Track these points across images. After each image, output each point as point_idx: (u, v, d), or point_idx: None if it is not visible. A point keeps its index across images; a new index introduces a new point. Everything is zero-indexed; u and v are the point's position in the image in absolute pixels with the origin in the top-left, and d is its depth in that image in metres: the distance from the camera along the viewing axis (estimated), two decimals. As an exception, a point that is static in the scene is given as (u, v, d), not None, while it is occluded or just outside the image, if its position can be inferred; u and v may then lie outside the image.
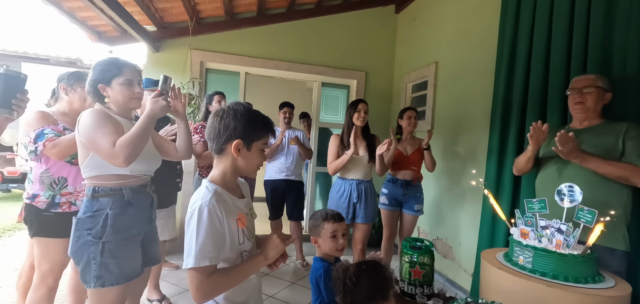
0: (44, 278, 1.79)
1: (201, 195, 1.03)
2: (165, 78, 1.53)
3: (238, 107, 1.09)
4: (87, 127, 1.38)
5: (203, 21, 3.79)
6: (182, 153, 1.75)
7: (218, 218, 1.00)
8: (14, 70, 1.20)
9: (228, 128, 1.06)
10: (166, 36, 3.72)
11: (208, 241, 0.97)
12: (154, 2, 3.29)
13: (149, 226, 1.62)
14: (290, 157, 3.41)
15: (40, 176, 1.75)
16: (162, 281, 2.73)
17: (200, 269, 0.96)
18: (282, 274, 3.20)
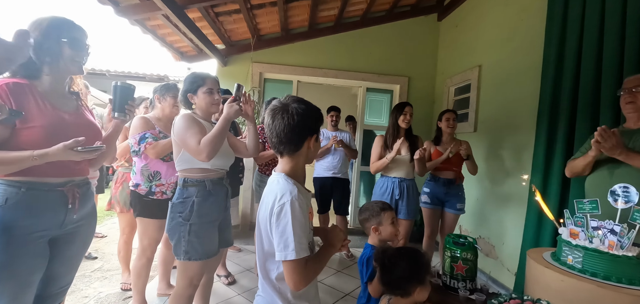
0: (144, 250, 2.06)
1: (287, 189, 0.97)
2: (238, 86, 1.64)
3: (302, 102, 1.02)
4: (179, 128, 1.55)
5: (262, 38, 4.00)
6: (251, 151, 1.80)
7: (304, 210, 0.96)
8: (125, 82, 1.40)
9: (306, 126, 1.01)
10: (232, 52, 3.99)
11: (302, 234, 0.93)
12: (224, 25, 3.55)
13: (225, 213, 1.76)
14: (337, 157, 3.45)
15: (141, 169, 2.01)
16: (227, 260, 2.94)
17: (300, 260, 0.92)
18: (330, 262, 3.26)
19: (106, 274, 2.86)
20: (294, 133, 1.00)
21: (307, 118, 1.00)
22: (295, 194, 0.95)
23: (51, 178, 1.17)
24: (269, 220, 0.97)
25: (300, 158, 1.05)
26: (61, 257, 1.25)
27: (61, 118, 1.20)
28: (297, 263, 0.92)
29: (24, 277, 1.12)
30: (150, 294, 2.32)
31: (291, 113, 0.99)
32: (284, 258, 0.93)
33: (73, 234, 1.27)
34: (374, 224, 1.54)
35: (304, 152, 1.04)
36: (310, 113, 1.02)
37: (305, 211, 0.97)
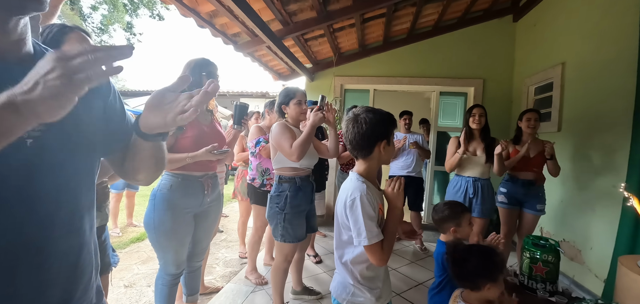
0: (257, 230, 2.37)
1: (357, 186, 1.00)
2: (322, 97, 1.70)
3: (374, 113, 1.03)
4: (275, 134, 1.69)
5: (343, 55, 4.10)
6: (332, 153, 1.82)
7: (373, 205, 0.98)
8: (242, 102, 1.66)
9: (375, 133, 1.01)
10: (318, 69, 4.20)
11: (372, 224, 0.96)
12: (311, 47, 3.78)
13: (311, 204, 1.86)
14: (410, 157, 3.30)
15: (256, 166, 2.32)
16: (315, 243, 3.13)
17: (376, 245, 0.95)
18: (404, 253, 3.15)
19: (229, 245, 3.38)
20: (364, 140, 1.02)
21: (376, 125, 1.01)
22: (364, 191, 0.98)
23: (195, 172, 1.48)
24: (343, 211, 1.03)
25: (373, 161, 1.06)
26: (201, 227, 1.57)
27: (202, 130, 1.50)
28: (374, 247, 0.96)
29: (181, 238, 1.46)
30: (258, 262, 2.65)
31: (360, 122, 1.01)
32: (358, 243, 0.98)
33: (208, 211, 1.59)
34: (453, 225, 1.40)
35: (376, 156, 1.04)
36: (379, 121, 1.02)
37: (374, 206, 0.99)
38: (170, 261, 1.47)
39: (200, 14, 2.57)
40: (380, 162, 1.08)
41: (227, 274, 2.63)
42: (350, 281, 1.05)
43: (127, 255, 2.90)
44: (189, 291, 1.70)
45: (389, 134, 1.05)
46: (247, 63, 8.89)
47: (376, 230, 0.97)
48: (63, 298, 0.50)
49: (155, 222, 1.40)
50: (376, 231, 0.97)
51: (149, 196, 1.45)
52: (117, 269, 2.52)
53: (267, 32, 2.60)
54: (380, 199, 1.09)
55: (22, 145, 0.44)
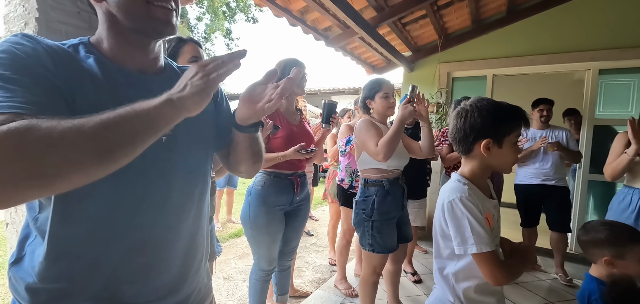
0: (344, 233, 2.47)
1: (456, 187, 0.96)
2: (412, 87, 1.63)
3: (482, 103, 0.96)
4: (359, 132, 1.70)
5: (450, 36, 3.79)
6: (425, 152, 1.75)
7: (478, 209, 0.92)
8: (331, 100, 1.76)
9: (474, 128, 0.95)
10: (419, 57, 4.01)
11: (479, 229, 0.89)
12: (410, 32, 3.64)
13: (402, 211, 1.80)
14: (547, 161, 2.77)
15: (345, 167, 2.41)
16: (414, 259, 2.98)
17: (488, 255, 0.88)
18: (536, 288, 2.65)
19: (319, 249, 3.60)
20: (462, 135, 0.98)
21: (477, 119, 0.95)
22: (465, 193, 0.93)
23: (285, 170, 1.67)
24: (441, 217, 0.98)
25: (476, 162, 1.00)
26: (291, 225, 1.75)
27: (291, 129, 1.67)
28: (485, 256, 0.88)
29: (273, 234, 1.66)
30: (349, 271, 2.73)
31: (461, 114, 0.99)
32: (464, 252, 0.91)
33: (297, 210, 1.76)
34: (608, 255, 1.10)
35: (478, 155, 0.97)
36: (488, 115, 0.94)
37: (479, 210, 0.92)
38: (263, 256, 1.70)
39: (292, 12, 2.85)
40: (490, 166, 0.99)
41: (317, 280, 2.81)
42: (451, 299, 0.99)
43: (225, 249, 3.47)
44: (279, 290, 1.91)
45: (498, 132, 0.94)
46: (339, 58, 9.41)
47: (486, 236, 0.89)
48: (182, 272, 0.67)
49: (251, 217, 1.65)
50: (487, 237, 0.88)
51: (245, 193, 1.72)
52: (216, 261, 3.08)
53: (359, 22, 2.67)
54: (493, 210, 1.00)
55: (159, 142, 0.60)
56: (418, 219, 2.68)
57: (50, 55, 0.52)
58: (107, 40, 0.60)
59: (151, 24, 0.58)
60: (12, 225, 1.03)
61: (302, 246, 3.62)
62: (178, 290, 0.66)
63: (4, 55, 0.47)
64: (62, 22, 0.91)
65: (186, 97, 0.50)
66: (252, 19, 14.27)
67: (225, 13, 13.98)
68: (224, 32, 14.34)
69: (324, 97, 1.78)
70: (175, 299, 0.66)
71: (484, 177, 1.02)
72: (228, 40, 14.64)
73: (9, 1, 1.06)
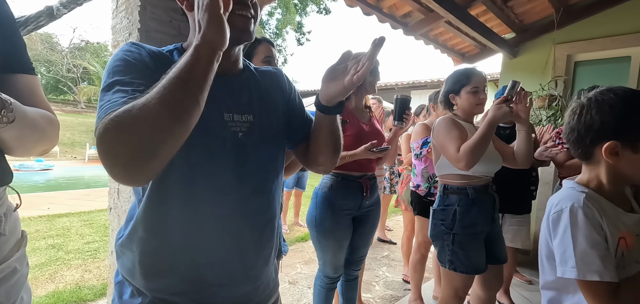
0: (419, 246, 2.44)
1: (569, 195, 0.88)
2: (513, 83, 1.53)
3: (606, 96, 0.85)
4: (438, 132, 1.65)
5: (573, 8, 3.34)
6: (520, 160, 1.66)
7: (598, 224, 0.83)
8: (403, 95, 1.78)
9: (592, 127, 0.86)
10: (525, 39, 3.65)
11: (590, 250, 0.81)
12: (514, 9, 3.35)
13: (492, 225, 1.69)
14: None
15: (421, 171, 2.39)
16: (512, 290, 2.75)
17: (597, 285, 0.80)
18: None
19: (392, 263, 3.59)
20: (576, 135, 0.90)
21: (601, 115, 0.85)
22: (580, 202, 0.85)
23: (354, 172, 1.75)
24: (546, 233, 0.92)
25: (601, 170, 0.89)
26: (359, 232, 1.82)
27: (361, 128, 1.75)
28: (594, 287, 0.80)
29: (340, 240, 1.76)
30: (426, 292, 2.67)
31: (575, 109, 0.90)
32: (562, 274, 0.85)
33: (366, 216, 1.83)
34: None
35: (602, 161, 0.88)
36: (608, 110, 0.84)
37: (599, 228, 0.83)
38: (329, 262, 1.81)
39: (367, 1, 2.92)
40: (622, 176, 0.88)
41: (388, 297, 2.83)
42: None
43: (292, 253, 3.73)
44: (345, 301, 2.01)
45: (629, 132, 0.83)
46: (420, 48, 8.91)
47: (599, 263, 0.80)
48: (253, 262, 0.81)
49: (317, 220, 1.77)
50: (599, 264, 0.80)
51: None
52: (283, 264, 3.34)
53: (445, 4, 2.60)
54: (633, 227, 0.88)
55: (235, 137, 0.75)
56: (519, 239, 2.46)
57: (152, 58, 0.69)
58: None
59: (231, 33, 0.68)
60: (114, 209, 1.35)
61: (373, 257, 3.65)
62: (249, 278, 0.80)
63: (120, 62, 0.65)
64: (157, 31, 1.18)
65: (204, 32, 0.57)
66: (325, 10, 14.78)
67: (297, 6, 14.79)
68: (296, 26, 15.19)
69: (401, 92, 1.81)
70: (247, 287, 0.80)
71: (614, 187, 0.90)
72: (299, 35, 15.45)
73: (115, 14, 1.40)
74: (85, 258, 3.43)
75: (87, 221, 4.70)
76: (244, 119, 0.76)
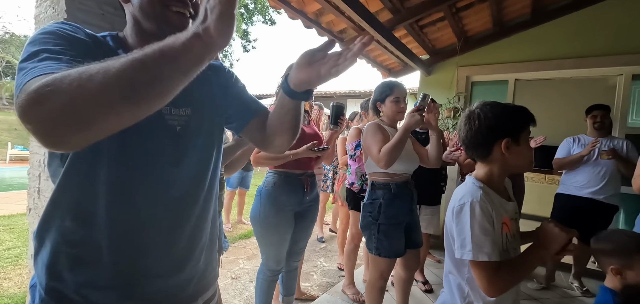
0: (353, 237, 2.49)
1: (470, 190, 0.96)
2: (423, 96, 1.62)
3: (491, 105, 0.98)
4: (366, 136, 1.73)
5: (470, 39, 3.76)
6: (432, 161, 1.76)
7: (490, 216, 0.92)
8: (339, 102, 1.81)
9: (492, 129, 0.96)
10: (437, 61, 4.00)
11: (483, 237, 0.90)
12: (428, 35, 3.64)
13: (411, 215, 1.79)
14: (599, 169, 2.53)
15: (355, 170, 2.45)
16: (426, 269, 2.96)
17: (485, 264, 0.89)
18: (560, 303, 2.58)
19: (328, 254, 3.63)
20: (479, 138, 0.99)
21: (494, 119, 0.96)
22: (477, 197, 0.93)
23: (295, 170, 1.73)
24: (451, 219, 0.99)
25: (495, 165, 1.00)
26: (300, 225, 1.80)
27: (303, 130, 1.72)
28: (481, 265, 0.90)
29: (283, 234, 1.72)
30: (358, 277, 2.74)
31: (473, 118, 0.99)
32: (460, 256, 0.93)
33: (307, 210, 1.82)
34: (616, 264, 1.11)
35: (497, 157, 0.98)
36: (500, 113, 0.96)
37: (490, 218, 0.92)
38: (272, 256, 1.75)
39: (307, 14, 2.92)
40: (508, 167, 1.00)
41: (324, 284, 2.85)
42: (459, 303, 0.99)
43: (235, 250, 3.56)
44: (285, 291, 1.96)
45: (515, 130, 0.96)
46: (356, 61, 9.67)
47: (488, 246, 0.90)
48: (187, 253, 0.73)
49: (261, 216, 1.71)
50: (488, 247, 0.89)
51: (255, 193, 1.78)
52: (226, 261, 3.17)
53: (374, 25, 2.70)
54: (511, 212, 1.01)
55: (173, 130, 0.67)
56: (431, 226, 2.67)
57: (90, 38, 0.60)
58: (131, 38, 0.67)
59: (167, 29, 0.61)
60: (34, 210, 1.12)
61: (311, 250, 3.65)
62: (183, 270, 0.72)
63: (51, 34, 0.54)
64: (87, 23, 1.00)
65: (209, 26, 0.46)
66: (270, 20, 14.55)
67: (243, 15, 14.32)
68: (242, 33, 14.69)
69: (338, 100, 1.84)
70: (181, 278, 0.72)
71: (501, 180, 1.02)
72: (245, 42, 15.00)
73: (39, 3, 1.17)
74: (4, 265, 2.86)
75: (7, 226, 3.93)
76: (182, 113, 0.69)
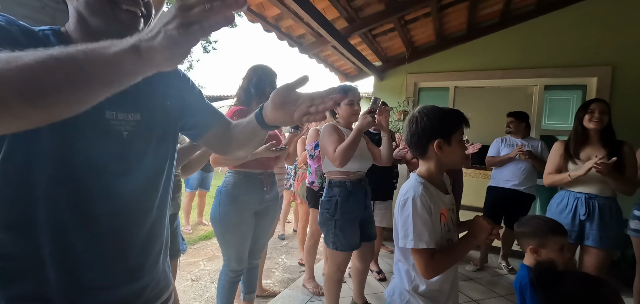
0: (312, 234, 2.51)
1: (412, 186, 1.03)
2: (374, 99, 1.67)
3: (428, 109, 1.07)
4: (322, 136, 1.76)
5: (417, 49, 3.99)
6: (384, 159, 1.83)
7: (428, 207, 1.00)
8: None
9: (426, 131, 1.05)
10: (388, 67, 4.18)
11: (423, 227, 0.97)
12: (380, 44, 3.80)
13: (365, 210, 1.86)
14: (520, 166, 2.92)
15: (315, 170, 2.47)
16: (380, 259, 3.08)
17: (423, 251, 0.97)
18: (492, 285, 2.84)
19: (289, 250, 3.62)
20: (416, 139, 1.07)
21: (429, 122, 1.05)
22: (419, 192, 1.01)
23: (255, 169, 1.70)
24: (397, 212, 1.05)
25: (432, 162, 1.08)
26: (260, 224, 1.78)
27: (262, 131, 1.71)
28: (420, 252, 0.98)
29: (243, 233, 1.68)
30: (318, 271, 2.77)
31: (412, 121, 1.08)
32: (403, 245, 1.00)
33: (267, 209, 1.79)
34: (533, 244, 1.26)
35: (433, 156, 1.06)
36: (434, 117, 1.05)
37: (429, 210, 1.00)
38: (233, 256, 1.70)
39: (267, 19, 2.89)
40: (444, 163, 1.08)
41: (285, 280, 2.84)
42: (407, 288, 1.06)
43: (195, 251, 3.41)
44: (246, 289, 1.92)
45: (446, 132, 1.04)
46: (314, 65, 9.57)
47: (427, 236, 0.97)
48: (140, 262, 0.68)
49: (221, 216, 1.65)
50: (427, 236, 0.97)
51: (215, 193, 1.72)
52: (185, 263, 3.02)
53: (331, 32, 2.75)
54: (448, 204, 1.09)
55: (120, 136, 0.62)
56: (384, 220, 2.78)
57: (24, 33, 0.53)
58: (75, 34, 0.61)
59: (115, 27, 0.57)
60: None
61: (273, 247, 3.62)
62: (135, 279, 0.67)
63: None
64: (26, 17, 0.90)
65: (155, 48, 0.40)
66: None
67: (203, 15, 13.69)
68: (201, 34, 14.02)
69: None
70: (133, 288, 0.66)
71: (439, 175, 1.11)
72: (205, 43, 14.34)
73: (-31, -6, 1.03)
74: None
75: None
76: (130, 118, 0.63)
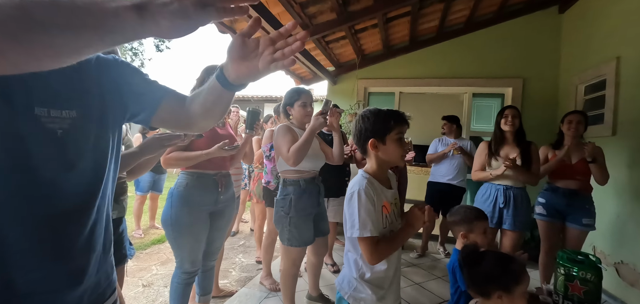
0: (270, 232, 2.49)
1: (358, 181, 1.08)
2: (326, 101, 1.72)
3: (365, 112, 1.12)
4: (277, 137, 1.76)
5: (366, 56, 4.16)
6: (336, 158, 1.86)
7: (372, 200, 1.04)
8: (255, 108, 1.79)
9: (362, 132, 1.11)
10: (341, 72, 4.30)
11: (367, 218, 1.01)
12: (333, 50, 3.89)
13: (318, 207, 1.88)
14: (454, 163, 3.24)
15: (271, 170, 2.45)
16: (334, 253, 3.16)
17: (368, 239, 1.01)
18: (432, 268, 3.08)
19: (247, 250, 3.53)
20: (358, 139, 1.14)
21: (367, 123, 1.10)
22: (363, 186, 1.05)
23: (209, 170, 1.63)
24: (346, 205, 1.10)
25: (372, 159, 1.13)
26: (215, 226, 1.71)
27: (215, 131, 1.65)
28: (365, 240, 1.02)
29: (197, 234, 1.60)
30: (275, 268, 2.75)
31: (356, 122, 1.14)
32: (350, 234, 1.05)
33: (222, 210, 1.72)
34: (463, 230, 1.41)
35: (371, 153, 1.12)
36: (369, 119, 1.10)
37: (373, 202, 1.05)
38: (186, 258, 1.61)
39: (222, 20, 2.79)
40: (383, 161, 1.13)
41: (243, 279, 2.76)
42: (355, 276, 1.11)
43: (147, 256, 3.16)
44: (201, 291, 1.83)
45: (380, 132, 1.09)
46: None
47: (371, 225, 1.02)
48: (81, 264, 0.62)
49: (173, 219, 1.56)
50: (371, 226, 1.02)
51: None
52: (136, 268, 2.79)
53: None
54: (390, 198, 1.14)
55: (53, 135, 0.56)
56: (337, 216, 2.84)
57: None
58: None
59: None
60: None
61: (230, 247, 3.50)
62: (75, 283, 0.61)
63: None
64: None
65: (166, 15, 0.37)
66: (185, 21, 13.23)
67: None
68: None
69: (256, 104, 1.81)
70: (73, 293, 0.61)
71: (382, 171, 1.15)
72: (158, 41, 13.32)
73: None
74: None
75: None
76: (64, 115, 0.57)
